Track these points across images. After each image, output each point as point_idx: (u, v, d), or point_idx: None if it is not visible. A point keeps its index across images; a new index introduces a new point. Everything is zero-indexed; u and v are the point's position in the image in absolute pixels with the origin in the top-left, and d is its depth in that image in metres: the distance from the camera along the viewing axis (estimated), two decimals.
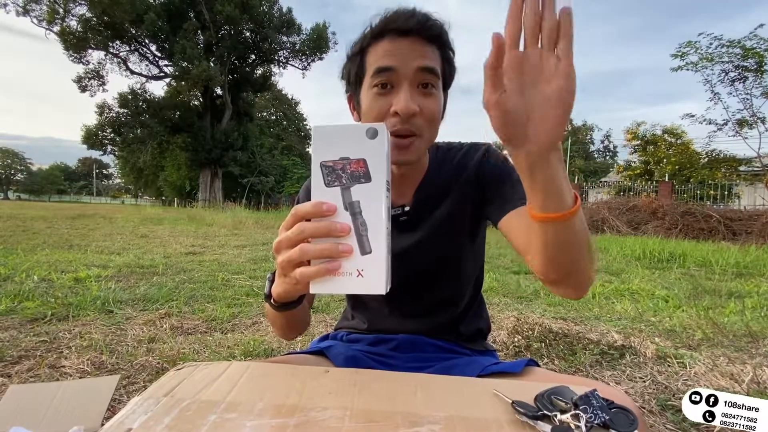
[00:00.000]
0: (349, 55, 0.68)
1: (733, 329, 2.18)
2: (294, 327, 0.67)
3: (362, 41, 0.65)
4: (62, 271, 3.24)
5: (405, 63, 0.61)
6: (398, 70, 0.61)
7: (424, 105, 0.63)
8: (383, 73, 0.62)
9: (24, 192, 72.41)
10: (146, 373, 1.50)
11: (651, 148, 18.47)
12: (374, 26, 0.64)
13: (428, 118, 0.64)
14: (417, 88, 0.62)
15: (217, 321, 2.17)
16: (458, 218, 0.74)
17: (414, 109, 0.61)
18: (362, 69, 0.65)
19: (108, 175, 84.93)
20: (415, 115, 0.62)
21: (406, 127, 0.62)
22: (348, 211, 0.45)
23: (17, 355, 1.60)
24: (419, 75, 0.62)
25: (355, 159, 0.45)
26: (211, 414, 0.40)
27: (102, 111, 23.76)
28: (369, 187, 0.45)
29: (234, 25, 22.56)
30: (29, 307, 2.19)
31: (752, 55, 10.92)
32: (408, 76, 0.61)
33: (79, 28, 20.88)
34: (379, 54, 0.63)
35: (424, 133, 0.64)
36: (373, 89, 0.63)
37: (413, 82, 0.62)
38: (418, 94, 0.62)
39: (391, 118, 0.62)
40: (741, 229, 7.94)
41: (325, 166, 0.45)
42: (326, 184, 0.45)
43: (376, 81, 0.62)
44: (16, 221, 8.44)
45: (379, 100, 0.63)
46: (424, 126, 0.64)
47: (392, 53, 0.62)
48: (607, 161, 47.00)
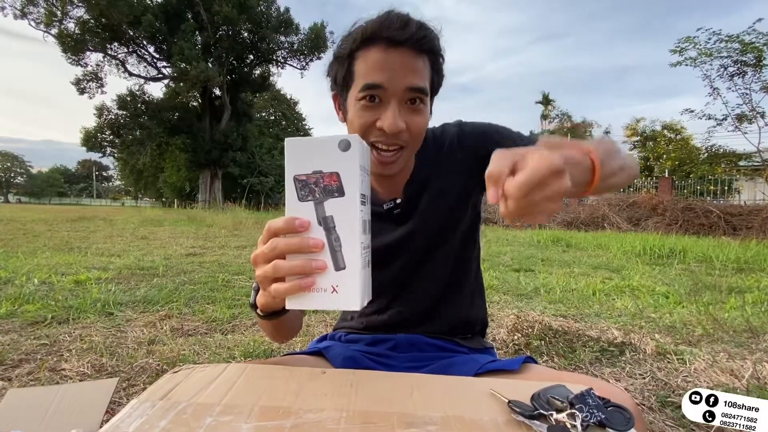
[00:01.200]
0: (337, 56, 0.66)
1: (733, 325, 2.18)
2: (283, 333, 0.68)
3: (351, 44, 0.63)
4: (62, 273, 3.24)
5: (395, 80, 0.60)
6: (387, 87, 0.61)
7: (412, 122, 0.63)
8: (372, 89, 0.61)
9: (24, 195, 72.48)
10: (146, 375, 1.50)
11: (650, 144, 18.48)
12: (365, 30, 0.61)
13: (415, 134, 0.64)
14: (405, 104, 0.63)
15: (218, 322, 2.17)
16: (452, 190, 0.75)
17: (401, 128, 0.61)
18: (350, 75, 0.64)
19: (108, 177, 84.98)
20: (402, 132, 0.62)
21: (392, 141, 0.63)
22: (322, 225, 0.45)
23: (18, 359, 1.60)
24: (408, 94, 0.62)
25: (328, 173, 0.44)
26: (207, 417, 0.40)
27: (101, 113, 23.76)
28: (343, 202, 0.44)
29: (232, 26, 22.53)
30: (30, 310, 2.20)
31: (751, 49, 10.90)
32: (397, 94, 0.61)
33: (77, 31, 20.86)
34: (369, 65, 0.61)
35: (410, 145, 0.65)
36: (360, 102, 0.63)
37: (401, 100, 0.62)
38: (405, 111, 0.63)
39: (376, 131, 0.63)
40: (741, 225, 7.94)
41: (298, 180, 0.44)
42: (300, 198, 0.45)
43: (364, 94, 0.62)
44: (16, 224, 8.45)
45: (366, 113, 0.63)
46: (411, 140, 0.65)
47: (382, 67, 0.60)
48: None
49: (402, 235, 0.75)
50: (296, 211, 0.45)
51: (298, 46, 24.82)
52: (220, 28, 22.71)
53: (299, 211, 0.45)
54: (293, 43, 24.77)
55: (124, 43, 22.71)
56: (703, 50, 11.48)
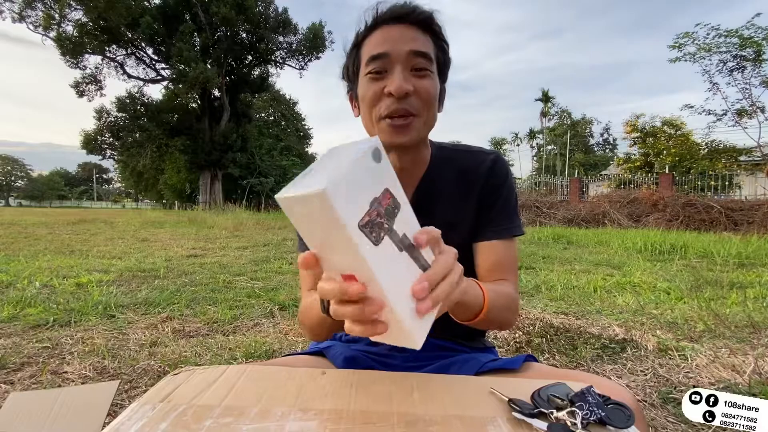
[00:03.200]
0: (348, 53, 0.69)
1: (734, 320, 2.17)
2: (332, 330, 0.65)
3: (357, 37, 0.67)
4: (64, 276, 3.24)
5: (397, 47, 0.62)
6: (391, 54, 0.62)
7: (419, 85, 0.63)
8: (377, 60, 0.62)
9: (25, 198, 72.56)
10: (148, 377, 1.50)
11: (651, 140, 18.42)
12: (368, 21, 0.65)
13: (424, 98, 0.63)
14: (411, 71, 0.63)
15: (219, 323, 2.17)
16: (461, 228, 0.73)
17: (408, 88, 0.61)
18: (358, 61, 0.66)
19: (108, 180, 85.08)
20: (410, 94, 0.62)
21: (402, 107, 0.62)
22: (404, 251, 0.39)
23: (20, 362, 1.61)
24: (412, 58, 0.62)
25: (381, 194, 0.37)
26: (207, 419, 0.40)
27: (100, 116, 23.76)
28: (403, 214, 0.39)
29: (230, 27, 22.51)
30: (32, 313, 2.20)
31: (750, 44, 10.88)
32: (401, 59, 0.62)
33: (75, 33, 20.85)
34: (373, 44, 0.64)
35: (421, 113, 0.64)
36: (367, 76, 0.64)
37: (406, 65, 0.62)
38: (412, 76, 0.63)
39: (386, 99, 0.63)
40: (742, 220, 7.93)
41: (363, 227, 0.35)
42: (375, 242, 0.36)
43: (370, 68, 0.63)
44: (17, 228, 8.46)
45: (373, 84, 0.63)
46: (421, 106, 0.64)
47: (384, 40, 0.63)
48: (607, 154, 46.91)
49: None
50: (377, 258, 0.36)
51: (296, 46, 24.80)
52: (218, 29, 22.70)
53: (381, 255, 0.36)
54: (292, 43, 24.75)
55: (122, 46, 22.70)
56: (702, 45, 11.47)
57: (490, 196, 0.72)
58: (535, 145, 46.30)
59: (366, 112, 0.66)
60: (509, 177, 0.74)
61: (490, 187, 0.72)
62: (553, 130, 44.79)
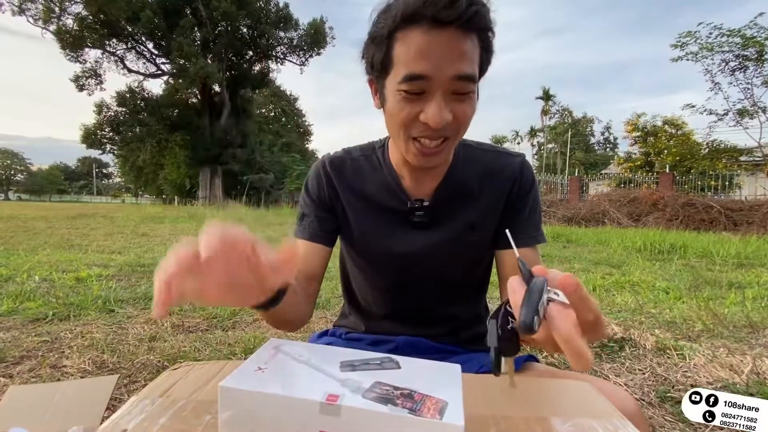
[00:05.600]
0: (373, 37, 0.59)
1: (733, 320, 2.18)
2: (283, 323, 0.65)
3: (390, 22, 0.55)
4: (63, 270, 3.24)
5: (440, 70, 0.53)
6: (432, 78, 0.54)
7: (458, 111, 0.57)
8: (414, 81, 0.54)
9: (24, 192, 72.50)
10: (147, 372, 1.51)
11: (651, 139, 18.40)
12: (407, 6, 0.53)
13: (462, 124, 0.59)
14: (451, 95, 0.56)
15: (218, 319, 2.17)
16: (482, 229, 0.71)
17: (447, 121, 0.56)
18: (389, 59, 0.57)
19: (108, 175, 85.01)
20: (448, 124, 0.57)
21: (437, 133, 0.58)
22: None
23: (19, 356, 1.61)
24: (455, 84, 0.55)
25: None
26: (206, 414, 0.40)
27: (100, 110, 23.75)
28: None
29: (231, 22, 22.45)
30: (31, 307, 2.20)
31: (752, 44, 10.85)
32: (443, 84, 0.54)
33: (75, 27, 20.80)
34: (411, 51, 0.54)
35: (455, 135, 0.60)
36: (400, 93, 0.56)
37: (447, 91, 0.55)
38: (451, 101, 0.56)
39: (419, 124, 0.57)
40: (742, 220, 7.94)
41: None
42: None
43: (405, 87, 0.55)
44: (16, 221, 8.45)
45: (408, 106, 0.57)
46: (456, 129, 0.59)
47: (426, 54, 0.53)
48: (608, 153, 46.88)
49: (419, 247, 0.70)
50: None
51: (297, 42, 24.74)
52: (219, 24, 22.62)
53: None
54: (293, 38, 24.70)
55: (122, 40, 22.64)
56: (705, 45, 11.44)
57: (517, 201, 0.70)
58: (536, 143, 46.24)
59: (393, 127, 0.61)
60: (536, 183, 0.73)
61: (518, 192, 0.70)
62: (553, 128, 44.72)
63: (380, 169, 0.72)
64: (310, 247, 0.72)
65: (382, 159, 0.73)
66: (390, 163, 0.71)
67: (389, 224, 0.71)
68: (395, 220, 0.71)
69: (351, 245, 0.76)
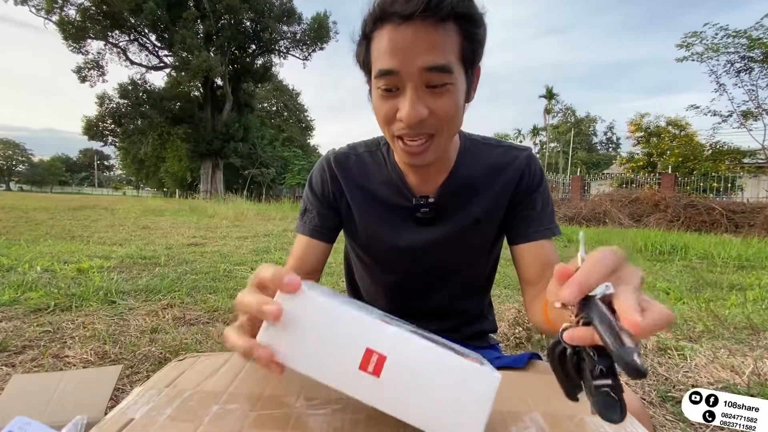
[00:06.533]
0: (359, 39, 0.61)
1: (734, 321, 2.18)
2: None
3: (365, 26, 0.57)
4: (65, 261, 3.25)
5: (408, 63, 0.53)
6: (400, 72, 0.53)
7: (435, 106, 0.55)
8: (385, 77, 0.55)
9: (26, 183, 72.55)
10: (149, 363, 1.51)
11: (654, 139, 18.33)
12: (374, 7, 0.55)
13: (442, 119, 0.56)
14: (424, 88, 0.55)
15: (219, 312, 2.18)
16: (486, 224, 0.70)
17: (421, 116, 0.55)
18: (369, 58, 0.59)
19: (109, 167, 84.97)
20: (425, 119, 0.55)
21: (415, 131, 0.57)
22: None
23: (21, 345, 1.61)
24: (426, 76, 0.53)
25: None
26: (213, 404, 0.40)
27: (102, 102, 23.68)
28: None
29: (234, 15, 22.34)
30: (33, 297, 2.21)
31: (758, 45, 10.78)
32: (413, 77, 0.53)
33: (78, 18, 20.71)
34: (381, 49, 0.54)
35: (440, 131, 0.58)
36: (378, 90, 0.57)
37: (419, 84, 0.54)
38: (427, 95, 0.55)
39: (398, 122, 0.57)
40: (744, 222, 7.92)
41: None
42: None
43: (379, 83, 0.56)
44: (18, 212, 8.46)
45: (385, 103, 0.57)
46: (439, 126, 0.57)
47: (394, 50, 0.53)
48: (610, 153, 46.78)
49: (423, 243, 0.70)
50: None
51: (300, 37, 24.64)
52: (222, 17, 22.52)
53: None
54: (296, 33, 24.59)
55: (125, 31, 22.55)
56: (710, 45, 11.37)
57: (527, 196, 0.69)
58: (538, 142, 46.12)
59: (379, 125, 0.62)
60: (544, 177, 0.72)
61: (527, 186, 0.69)
62: (556, 127, 44.60)
63: (385, 165, 0.72)
64: (310, 242, 0.72)
65: (386, 155, 0.72)
66: (394, 160, 0.71)
67: (394, 220, 0.71)
68: (400, 216, 0.70)
69: (355, 241, 0.75)
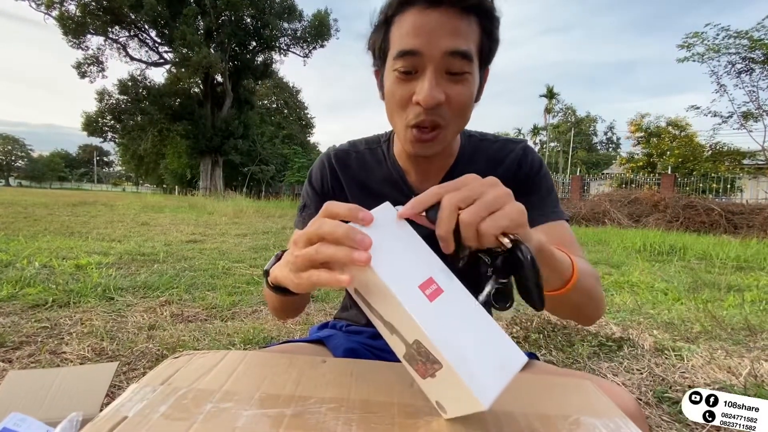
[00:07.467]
0: (375, 25, 0.60)
1: (731, 322, 2.18)
2: (288, 310, 0.66)
3: (387, 9, 0.57)
4: (63, 257, 3.24)
5: (431, 45, 0.53)
6: (423, 53, 0.53)
7: (452, 93, 0.55)
8: (406, 57, 0.54)
9: (25, 179, 72.41)
10: (146, 360, 1.51)
11: (654, 140, 18.33)
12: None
13: (456, 108, 0.57)
14: (444, 73, 0.55)
15: (218, 309, 2.18)
16: None
17: (439, 99, 0.54)
18: (386, 43, 0.58)
19: (109, 163, 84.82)
20: (441, 104, 0.55)
21: (430, 119, 0.56)
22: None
23: (18, 341, 1.61)
24: (447, 60, 0.53)
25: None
26: (207, 403, 0.40)
27: (102, 98, 23.59)
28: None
29: (234, 11, 22.26)
30: (30, 293, 2.20)
31: (760, 46, 10.77)
32: (434, 60, 0.53)
33: (78, 13, 20.61)
34: (404, 30, 0.55)
35: (450, 124, 0.58)
36: (394, 72, 0.56)
37: (440, 68, 0.54)
38: (445, 81, 0.55)
39: (414, 106, 0.56)
40: (742, 223, 7.93)
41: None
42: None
43: (398, 65, 0.55)
44: (17, 208, 8.45)
45: (401, 86, 0.57)
46: (451, 116, 0.57)
47: (418, 31, 0.53)
48: (610, 153, 46.78)
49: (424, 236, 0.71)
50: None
51: (301, 34, 24.55)
52: (222, 13, 22.43)
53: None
54: (296, 30, 24.50)
55: (125, 27, 22.46)
56: (711, 46, 11.37)
57: (525, 186, 0.69)
58: (538, 141, 46.09)
59: (391, 113, 0.61)
60: (543, 165, 0.71)
61: (524, 176, 0.69)
62: (556, 127, 44.56)
63: (385, 163, 0.72)
64: None
65: (387, 153, 0.73)
66: (394, 157, 0.71)
67: None
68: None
69: None
